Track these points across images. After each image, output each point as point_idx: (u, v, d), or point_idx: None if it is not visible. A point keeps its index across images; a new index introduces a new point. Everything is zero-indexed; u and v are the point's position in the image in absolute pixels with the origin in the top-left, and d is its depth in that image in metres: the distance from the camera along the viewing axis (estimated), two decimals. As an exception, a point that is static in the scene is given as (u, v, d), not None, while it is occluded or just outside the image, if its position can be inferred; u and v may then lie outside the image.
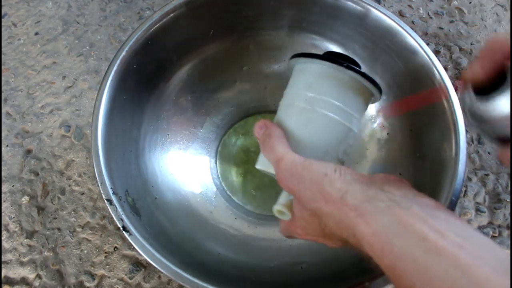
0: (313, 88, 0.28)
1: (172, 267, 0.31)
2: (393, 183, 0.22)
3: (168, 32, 0.40)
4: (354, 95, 0.28)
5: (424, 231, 0.18)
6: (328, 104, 0.27)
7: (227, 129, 0.50)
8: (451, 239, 0.17)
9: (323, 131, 0.28)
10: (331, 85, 0.27)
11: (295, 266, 0.39)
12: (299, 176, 0.23)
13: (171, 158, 0.45)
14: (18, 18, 0.60)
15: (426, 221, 0.18)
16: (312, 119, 0.28)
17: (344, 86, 0.28)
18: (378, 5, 0.39)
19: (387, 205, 0.19)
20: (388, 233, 0.19)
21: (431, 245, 0.17)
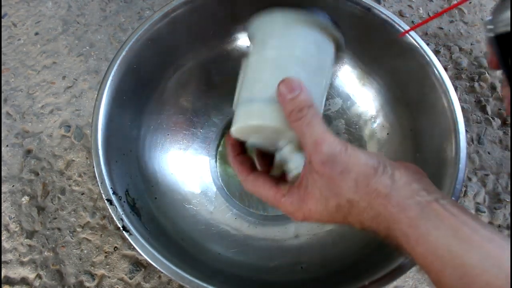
0: (280, 39, 0.27)
1: (172, 267, 0.31)
2: (428, 182, 0.23)
3: (168, 32, 0.40)
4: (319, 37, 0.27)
5: (459, 225, 0.20)
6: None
7: (227, 129, 0.50)
8: (481, 233, 0.20)
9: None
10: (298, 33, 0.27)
11: (295, 266, 0.39)
12: (345, 165, 0.22)
13: (171, 158, 0.45)
14: (18, 18, 0.60)
15: (459, 216, 0.21)
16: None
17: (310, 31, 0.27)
18: (378, 5, 0.39)
19: (427, 200, 0.22)
20: (426, 225, 0.21)
21: (465, 236, 0.20)
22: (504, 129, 0.53)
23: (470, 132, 0.53)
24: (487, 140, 0.53)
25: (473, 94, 0.56)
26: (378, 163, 0.23)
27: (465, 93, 0.56)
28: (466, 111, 0.54)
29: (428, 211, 0.21)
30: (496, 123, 0.54)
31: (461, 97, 0.55)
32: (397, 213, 0.22)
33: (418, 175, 0.24)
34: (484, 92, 0.56)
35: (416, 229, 0.21)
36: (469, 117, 0.54)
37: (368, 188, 0.22)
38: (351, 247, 0.39)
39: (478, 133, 0.53)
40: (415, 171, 0.24)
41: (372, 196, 0.22)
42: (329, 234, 0.42)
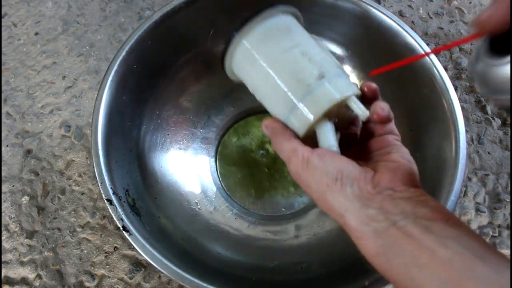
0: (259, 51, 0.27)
1: (172, 267, 0.31)
2: (395, 196, 0.22)
3: (168, 32, 0.40)
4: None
5: (417, 249, 0.19)
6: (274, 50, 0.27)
7: (227, 129, 0.50)
8: (441, 255, 0.18)
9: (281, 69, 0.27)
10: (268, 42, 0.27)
11: (295, 266, 0.39)
12: (305, 180, 0.24)
13: (171, 158, 0.45)
14: (18, 18, 0.60)
15: (419, 238, 0.19)
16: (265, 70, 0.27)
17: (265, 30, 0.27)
18: (378, 5, 0.39)
19: (384, 226, 0.20)
20: (387, 254, 0.20)
21: (423, 262, 0.19)
22: (504, 129, 0.53)
23: (470, 132, 0.53)
24: (487, 140, 0.53)
25: (473, 94, 0.56)
26: (333, 181, 0.23)
27: (465, 93, 0.56)
28: (466, 111, 0.54)
29: (386, 239, 0.20)
30: (496, 123, 0.54)
31: (461, 97, 0.55)
32: (356, 239, 0.22)
33: (395, 196, 0.22)
34: (484, 92, 0.56)
35: (376, 257, 0.21)
36: (469, 117, 0.54)
37: (326, 204, 0.23)
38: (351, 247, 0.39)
39: (478, 133, 0.53)
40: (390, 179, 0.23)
41: (332, 212, 0.23)
42: (329, 234, 0.42)
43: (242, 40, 0.28)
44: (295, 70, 0.26)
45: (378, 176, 0.23)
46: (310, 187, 0.24)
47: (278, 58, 0.27)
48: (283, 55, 0.27)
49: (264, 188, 0.47)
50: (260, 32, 0.27)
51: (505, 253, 0.47)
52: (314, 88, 0.25)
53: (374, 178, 0.23)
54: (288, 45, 0.27)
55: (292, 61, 0.26)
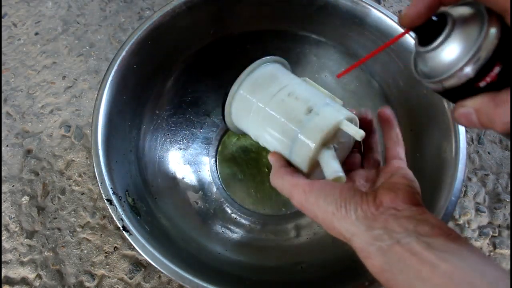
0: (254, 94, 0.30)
1: (172, 267, 0.31)
2: (398, 215, 0.23)
3: (168, 32, 0.40)
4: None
5: (419, 264, 0.20)
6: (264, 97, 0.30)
7: (227, 129, 0.50)
8: (442, 269, 0.19)
9: (277, 113, 0.29)
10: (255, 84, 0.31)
11: (295, 266, 0.39)
12: (311, 212, 0.25)
13: (171, 158, 0.45)
14: (18, 18, 0.60)
15: (421, 254, 0.20)
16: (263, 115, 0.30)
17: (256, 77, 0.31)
18: (378, 5, 0.39)
19: (388, 244, 0.22)
20: (392, 270, 0.21)
21: (425, 276, 0.20)
22: (504, 129, 0.53)
23: (470, 132, 0.53)
24: (487, 140, 0.53)
25: (473, 94, 0.56)
26: (337, 208, 0.24)
27: (465, 93, 0.56)
28: (466, 111, 0.54)
29: (391, 256, 0.21)
30: (496, 123, 0.54)
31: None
32: (363, 258, 0.23)
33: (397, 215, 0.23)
34: (484, 92, 0.56)
35: (383, 274, 0.22)
36: (469, 117, 0.54)
37: (334, 230, 0.25)
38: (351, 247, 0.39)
39: (478, 133, 0.53)
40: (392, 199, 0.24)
41: (340, 236, 0.25)
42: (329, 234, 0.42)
43: (238, 91, 0.31)
44: (285, 111, 0.28)
45: (380, 197, 0.24)
46: (317, 217, 0.25)
47: (269, 102, 0.29)
48: (272, 99, 0.29)
49: (264, 188, 0.47)
50: (251, 82, 0.30)
51: (505, 253, 0.47)
52: (306, 123, 0.27)
53: (376, 199, 0.24)
54: (275, 89, 0.29)
55: (280, 103, 0.29)
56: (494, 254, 0.47)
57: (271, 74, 0.31)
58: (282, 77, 0.30)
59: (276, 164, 0.29)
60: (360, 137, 0.26)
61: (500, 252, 0.47)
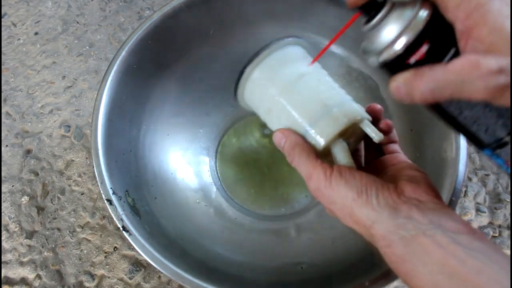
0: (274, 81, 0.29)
1: (172, 267, 0.31)
2: (421, 206, 0.22)
3: (168, 32, 0.40)
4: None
5: (446, 257, 0.19)
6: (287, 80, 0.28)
7: (227, 129, 0.50)
8: (470, 264, 0.19)
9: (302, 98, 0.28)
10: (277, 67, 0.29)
11: (295, 266, 0.39)
12: (329, 197, 0.24)
13: (171, 158, 0.45)
14: (18, 18, 0.60)
15: (448, 247, 0.20)
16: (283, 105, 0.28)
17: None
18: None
19: (412, 234, 0.21)
20: (413, 261, 0.21)
21: (451, 271, 0.19)
22: (504, 129, 0.53)
23: (470, 132, 0.53)
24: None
25: (473, 94, 0.56)
26: (358, 194, 0.23)
27: (465, 93, 0.56)
28: (466, 111, 0.54)
29: (414, 247, 0.21)
30: (496, 123, 0.54)
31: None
32: (383, 247, 0.22)
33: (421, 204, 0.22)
34: (484, 92, 0.56)
35: (403, 264, 0.21)
36: (469, 117, 0.54)
37: (353, 218, 0.23)
38: (351, 247, 0.39)
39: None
40: (413, 189, 0.23)
41: (359, 225, 0.23)
42: (329, 234, 0.42)
43: (254, 71, 0.29)
44: (304, 100, 0.27)
45: (401, 186, 0.23)
46: (335, 203, 0.24)
47: (291, 85, 0.28)
48: (290, 87, 0.28)
49: (264, 188, 0.47)
50: (271, 63, 0.29)
51: (506, 253, 0.47)
52: (332, 108, 0.26)
53: (398, 188, 0.23)
54: (294, 76, 0.28)
55: (299, 92, 0.28)
56: (494, 254, 0.47)
57: (291, 59, 0.29)
58: (302, 63, 0.29)
59: (294, 140, 0.26)
60: (379, 140, 0.26)
61: (500, 252, 0.47)
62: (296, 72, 0.28)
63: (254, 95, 0.30)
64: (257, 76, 0.29)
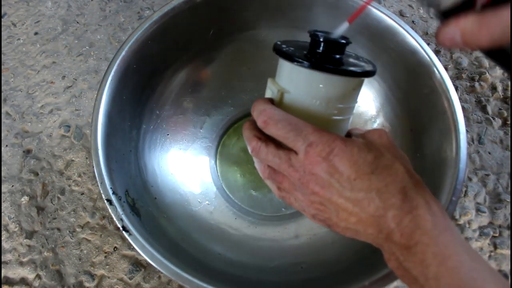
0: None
1: (172, 267, 0.31)
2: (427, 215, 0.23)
3: (168, 32, 0.40)
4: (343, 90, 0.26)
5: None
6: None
7: (227, 129, 0.50)
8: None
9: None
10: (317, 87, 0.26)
11: (295, 266, 0.39)
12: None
13: (171, 158, 0.45)
14: (18, 18, 0.60)
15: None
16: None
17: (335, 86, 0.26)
18: (378, 4, 0.39)
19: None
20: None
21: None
22: (504, 129, 0.53)
23: (470, 132, 0.53)
24: (488, 140, 0.53)
25: (474, 94, 0.56)
26: (389, 210, 0.22)
27: (466, 93, 0.56)
28: (467, 111, 0.54)
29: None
30: (496, 123, 0.54)
31: (461, 97, 0.55)
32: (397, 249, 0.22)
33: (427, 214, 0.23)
34: (484, 92, 0.56)
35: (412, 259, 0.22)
36: (469, 117, 0.54)
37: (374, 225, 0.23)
38: (351, 247, 0.39)
39: (478, 133, 0.53)
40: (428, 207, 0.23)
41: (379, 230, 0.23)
42: (329, 234, 0.42)
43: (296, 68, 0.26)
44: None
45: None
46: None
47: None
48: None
49: (264, 188, 0.47)
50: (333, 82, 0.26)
51: (506, 253, 0.47)
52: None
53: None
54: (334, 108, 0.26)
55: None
56: (495, 254, 0.47)
57: (343, 93, 0.27)
58: (346, 101, 0.27)
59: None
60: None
61: (500, 252, 0.47)
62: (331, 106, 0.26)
63: (299, 83, 0.27)
64: (315, 79, 0.26)
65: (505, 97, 0.55)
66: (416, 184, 0.23)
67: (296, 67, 0.26)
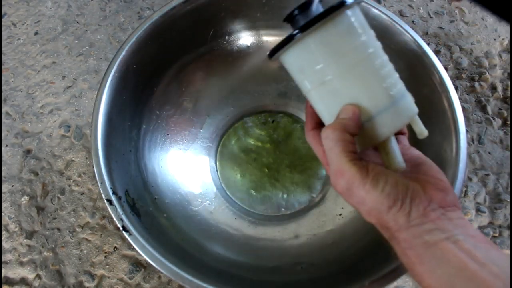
0: (317, 63, 0.25)
1: (172, 267, 0.31)
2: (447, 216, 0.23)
3: (168, 32, 0.40)
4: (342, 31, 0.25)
5: (466, 262, 0.20)
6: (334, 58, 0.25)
7: (227, 129, 0.50)
8: (489, 268, 0.20)
9: (354, 81, 0.25)
10: (323, 50, 0.25)
11: (295, 266, 0.39)
12: (360, 198, 0.24)
13: (171, 158, 0.45)
14: (18, 18, 0.60)
15: (469, 252, 0.21)
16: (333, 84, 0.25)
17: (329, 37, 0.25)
18: (378, 4, 0.39)
19: (436, 240, 0.22)
20: (432, 263, 0.21)
21: (470, 274, 0.20)
22: (504, 129, 0.53)
23: (470, 132, 0.53)
24: (488, 140, 0.53)
25: (474, 94, 0.56)
26: (393, 202, 0.23)
27: (466, 93, 0.56)
28: (467, 111, 0.54)
29: (434, 250, 0.21)
30: (496, 123, 0.54)
31: (461, 97, 0.55)
32: (403, 249, 0.23)
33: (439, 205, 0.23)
34: (484, 92, 0.56)
35: (420, 265, 0.22)
36: (469, 117, 0.54)
37: (380, 220, 0.24)
38: (351, 247, 0.39)
39: (478, 133, 0.53)
40: (441, 198, 0.23)
41: (382, 225, 0.24)
42: (329, 234, 0.42)
43: (309, 38, 0.25)
44: (383, 73, 0.25)
45: (429, 192, 0.24)
46: (363, 205, 0.24)
47: (345, 72, 0.25)
48: (349, 70, 0.25)
49: (264, 188, 0.47)
50: (325, 37, 0.25)
51: (506, 253, 0.47)
52: (397, 101, 0.25)
53: (427, 194, 0.24)
54: (354, 58, 0.25)
55: (378, 63, 0.25)
56: (495, 254, 0.47)
57: (350, 32, 0.25)
58: (361, 37, 0.25)
59: (349, 124, 0.24)
60: (423, 136, 0.26)
61: (500, 252, 0.47)
62: (359, 47, 0.25)
63: (305, 64, 0.26)
64: (314, 46, 0.25)
65: (505, 97, 0.56)
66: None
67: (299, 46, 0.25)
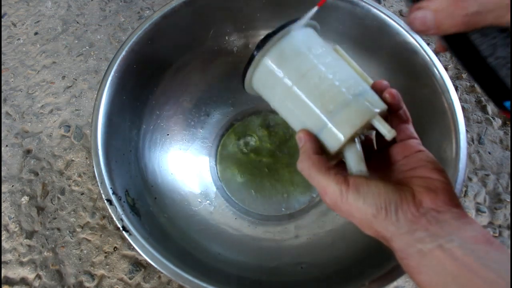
0: (281, 68, 0.27)
1: (172, 267, 0.31)
2: (440, 218, 0.22)
3: (168, 32, 0.40)
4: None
5: (460, 269, 0.20)
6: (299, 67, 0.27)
7: (227, 129, 0.50)
8: (484, 276, 0.19)
9: (312, 91, 0.26)
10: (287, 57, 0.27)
11: (295, 266, 0.39)
12: (347, 211, 0.24)
13: (171, 158, 0.45)
14: (18, 18, 0.60)
15: (462, 259, 0.20)
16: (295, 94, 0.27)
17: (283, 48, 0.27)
18: (378, 4, 0.39)
19: (429, 248, 0.21)
20: (429, 272, 0.21)
21: (465, 282, 0.20)
22: (504, 129, 0.53)
23: (470, 132, 0.53)
24: (488, 140, 0.53)
25: (474, 94, 0.56)
26: (377, 211, 0.23)
27: (466, 93, 0.56)
28: (467, 111, 0.54)
29: (430, 259, 0.21)
30: (496, 123, 0.54)
31: (461, 97, 0.55)
32: (400, 259, 0.23)
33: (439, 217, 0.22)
34: (484, 92, 0.56)
35: (419, 275, 0.22)
36: (469, 117, 0.54)
37: (372, 229, 0.24)
38: (351, 247, 0.39)
39: (478, 133, 0.53)
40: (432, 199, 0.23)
41: (378, 236, 0.24)
42: (329, 234, 0.42)
43: (263, 59, 0.27)
44: (316, 95, 0.26)
45: (419, 196, 0.23)
46: (353, 217, 0.24)
47: (298, 81, 0.26)
48: (302, 78, 0.26)
49: (264, 188, 0.47)
50: (281, 50, 0.27)
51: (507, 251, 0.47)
52: (337, 112, 0.25)
53: (416, 199, 0.23)
54: (306, 67, 0.26)
55: (311, 85, 0.26)
56: (495, 254, 0.47)
57: (303, 45, 0.27)
58: (314, 50, 0.27)
59: (308, 148, 0.26)
60: (391, 137, 0.25)
61: None
62: (307, 63, 0.26)
63: (266, 84, 0.28)
64: (269, 63, 0.27)
65: (505, 97, 0.55)
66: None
67: (260, 67, 0.27)
